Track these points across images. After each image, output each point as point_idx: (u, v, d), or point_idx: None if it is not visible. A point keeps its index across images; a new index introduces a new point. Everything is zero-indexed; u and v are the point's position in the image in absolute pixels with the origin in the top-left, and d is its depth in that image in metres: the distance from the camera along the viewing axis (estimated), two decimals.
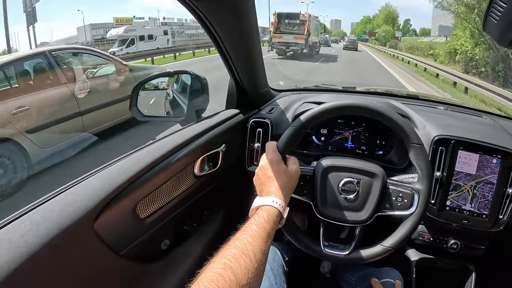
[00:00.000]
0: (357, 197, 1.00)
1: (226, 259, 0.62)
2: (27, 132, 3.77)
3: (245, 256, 0.64)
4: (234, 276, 0.59)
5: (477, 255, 1.33)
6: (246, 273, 0.61)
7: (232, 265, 0.60)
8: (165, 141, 1.05)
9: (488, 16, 0.63)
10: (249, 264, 0.63)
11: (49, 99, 4.18)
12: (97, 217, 0.78)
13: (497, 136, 1.29)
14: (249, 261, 0.63)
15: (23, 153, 3.73)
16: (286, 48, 19.44)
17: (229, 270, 0.59)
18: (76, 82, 4.59)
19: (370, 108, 0.99)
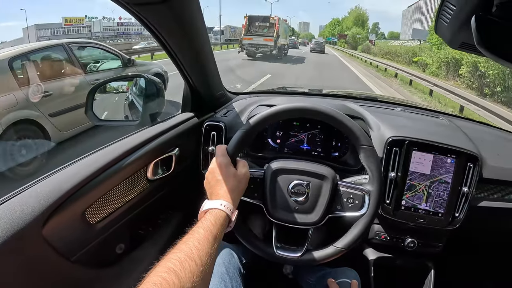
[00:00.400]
0: (307, 200, 1.01)
1: (170, 263, 0.62)
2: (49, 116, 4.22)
3: (190, 259, 0.64)
4: (178, 279, 0.59)
5: (435, 252, 1.36)
6: (191, 277, 0.62)
7: (176, 269, 0.61)
8: (116, 145, 1.04)
9: (439, 19, 0.64)
10: (194, 268, 0.63)
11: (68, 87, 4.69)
12: (45, 222, 0.77)
13: (452, 136, 1.33)
14: (194, 265, 0.64)
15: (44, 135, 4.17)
16: (256, 50, 20.18)
17: (173, 274, 0.60)
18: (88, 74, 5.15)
19: (319, 110, 1.01)
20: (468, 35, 0.54)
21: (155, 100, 1.35)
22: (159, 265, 0.62)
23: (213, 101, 1.47)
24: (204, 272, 0.65)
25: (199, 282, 0.63)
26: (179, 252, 0.66)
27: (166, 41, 1.03)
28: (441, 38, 0.69)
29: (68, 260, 0.85)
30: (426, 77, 13.55)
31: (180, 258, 0.64)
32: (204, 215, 0.81)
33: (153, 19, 0.92)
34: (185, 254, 0.65)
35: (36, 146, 4.06)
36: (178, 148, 1.24)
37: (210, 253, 0.70)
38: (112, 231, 0.99)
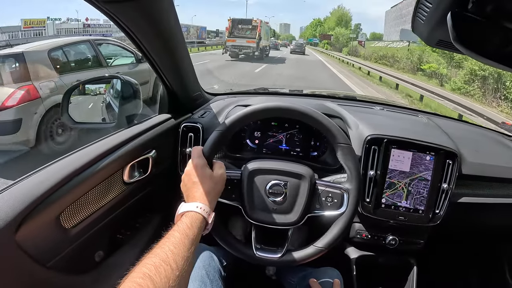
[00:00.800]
0: (285, 200, 1.01)
1: (145, 268, 0.61)
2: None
3: (166, 264, 0.63)
4: (153, 285, 0.58)
5: (416, 249, 1.38)
6: (167, 282, 0.61)
7: (151, 274, 0.60)
8: (91, 148, 1.01)
9: (416, 17, 0.64)
10: (169, 272, 0.62)
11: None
12: (18, 228, 0.75)
13: (431, 134, 1.35)
14: (169, 269, 0.63)
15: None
16: (239, 51, 21.14)
17: (148, 279, 0.59)
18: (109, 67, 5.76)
19: (294, 109, 1.01)
20: (445, 33, 0.54)
21: (131, 102, 1.34)
22: (134, 271, 0.61)
23: (190, 102, 1.45)
24: (180, 277, 0.64)
25: (176, 286, 0.62)
26: (154, 256, 0.65)
27: (140, 41, 1.01)
28: (418, 36, 0.70)
29: (44, 266, 0.82)
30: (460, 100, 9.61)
31: (155, 263, 0.63)
32: (180, 218, 0.80)
33: (125, 18, 0.90)
34: (160, 259, 0.64)
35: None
36: (155, 150, 1.22)
37: (187, 256, 0.69)
38: (89, 236, 0.97)
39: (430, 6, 0.59)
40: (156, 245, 0.69)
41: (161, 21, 0.97)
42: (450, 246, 1.80)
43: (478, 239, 1.73)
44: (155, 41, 1.04)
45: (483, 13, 0.51)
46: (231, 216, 1.43)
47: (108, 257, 1.09)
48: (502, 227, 1.56)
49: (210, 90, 1.69)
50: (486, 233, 1.65)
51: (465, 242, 1.77)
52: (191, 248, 0.72)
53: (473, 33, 0.53)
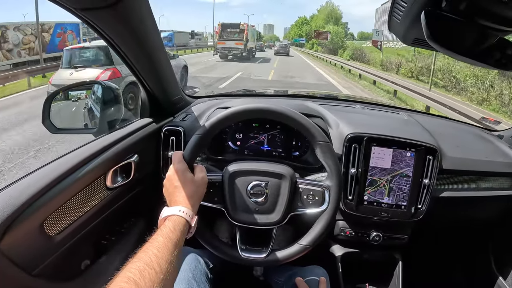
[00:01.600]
0: (266, 200, 1.02)
1: (130, 273, 0.61)
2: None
3: (150, 268, 0.64)
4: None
5: (401, 244, 1.40)
6: (151, 285, 0.61)
7: (135, 278, 0.60)
8: (73, 154, 1.01)
9: (392, 16, 0.65)
10: (154, 276, 0.63)
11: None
12: (2, 236, 0.74)
13: (411, 130, 1.37)
14: (154, 273, 0.63)
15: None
16: (228, 53, 23.34)
17: (133, 284, 0.59)
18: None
19: (272, 110, 1.02)
20: (420, 31, 0.56)
21: (113, 107, 1.34)
22: (118, 276, 0.62)
23: (172, 106, 1.45)
24: (165, 280, 0.65)
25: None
26: (138, 261, 0.65)
27: (118, 46, 1.01)
28: (395, 35, 0.71)
29: (29, 274, 0.82)
30: None
31: (139, 267, 0.63)
32: (163, 222, 0.81)
33: (103, 24, 0.90)
34: (144, 263, 0.65)
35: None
36: (137, 154, 1.22)
37: (171, 260, 0.69)
38: (73, 242, 0.96)
39: (405, 5, 0.59)
40: (140, 249, 0.70)
41: (139, 27, 0.97)
42: (434, 240, 1.83)
43: (461, 232, 1.76)
44: (134, 46, 1.04)
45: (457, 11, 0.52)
46: (216, 219, 1.43)
47: (93, 263, 1.09)
48: (485, 219, 1.59)
49: (191, 93, 1.69)
50: (469, 226, 1.68)
51: (449, 236, 1.80)
52: (175, 251, 0.72)
53: (447, 31, 0.54)
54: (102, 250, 1.14)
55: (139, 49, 1.06)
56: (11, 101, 9.44)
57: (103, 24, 0.90)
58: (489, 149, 1.49)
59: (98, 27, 0.90)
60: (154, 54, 1.13)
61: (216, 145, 1.39)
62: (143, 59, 1.13)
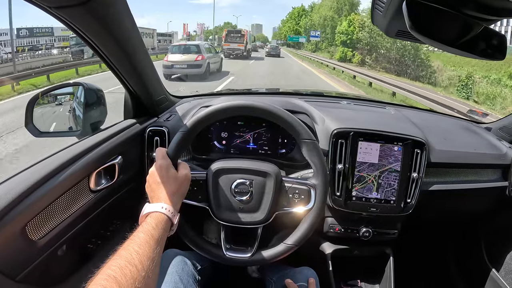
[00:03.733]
0: (251, 198, 1.01)
1: (110, 270, 0.61)
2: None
3: (131, 265, 0.63)
4: (119, 286, 0.58)
5: (391, 239, 1.40)
6: (133, 283, 0.60)
7: (116, 276, 0.59)
8: (55, 157, 0.98)
9: (374, 9, 0.65)
10: (135, 273, 0.62)
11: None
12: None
13: (398, 125, 1.37)
14: (135, 270, 0.62)
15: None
16: (232, 52, 29.02)
17: (113, 281, 0.58)
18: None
19: (257, 107, 1.01)
20: (403, 23, 0.55)
21: (96, 109, 1.31)
22: (99, 273, 0.61)
23: (155, 106, 1.43)
24: (146, 277, 0.64)
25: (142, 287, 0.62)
26: (119, 258, 0.65)
27: (97, 46, 0.99)
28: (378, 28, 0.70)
29: (13, 280, 0.80)
30: None
31: (120, 264, 0.62)
32: (145, 219, 0.80)
33: (79, 22, 0.88)
34: (125, 260, 0.64)
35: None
36: (121, 156, 1.20)
37: (152, 257, 0.68)
38: (58, 246, 0.94)
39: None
40: (121, 246, 0.69)
41: (116, 25, 0.95)
42: (424, 234, 1.84)
43: (452, 225, 1.77)
44: (112, 45, 1.02)
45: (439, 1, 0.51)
46: (204, 219, 1.42)
47: (80, 267, 1.07)
48: (475, 212, 1.60)
49: (175, 93, 1.68)
50: (460, 219, 1.69)
51: (440, 229, 1.82)
52: (157, 248, 0.71)
53: (430, 21, 0.53)
54: (88, 254, 1.13)
55: (118, 48, 1.04)
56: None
57: (79, 23, 0.88)
58: (478, 142, 1.50)
59: (75, 26, 0.88)
60: (134, 53, 1.11)
61: (202, 144, 1.37)
62: (123, 58, 1.10)
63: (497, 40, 0.57)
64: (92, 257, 1.12)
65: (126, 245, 0.69)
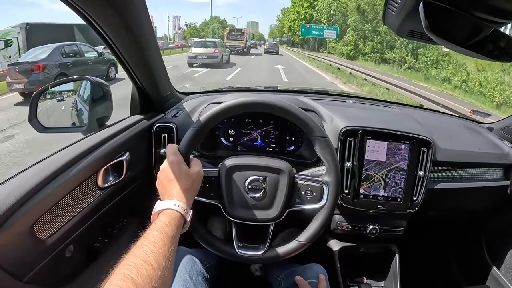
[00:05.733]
0: (264, 195, 1.00)
1: (126, 270, 0.59)
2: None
3: (147, 264, 0.62)
4: (136, 286, 0.57)
5: (397, 236, 1.41)
6: (150, 282, 0.59)
7: (132, 275, 0.58)
8: (62, 154, 0.97)
9: (387, 9, 0.65)
10: (151, 272, 0.61)
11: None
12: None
13: (404, 123, 1.37)
14: (151, 269, 0.61)
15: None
16: (233, 49, 31.11)
17: (130, 281, 0.57)
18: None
19: (271, 104, 1.00)
20: (416, 23, 0.56)
21: (102, 104, 1.29)
22: (114, 273, 0.59)
23: (162, 102, 1.42)
24: (163, 276, 0.62)
25: (159, 287, 0.60)
26: (134, 257, 0.63)
27: (110, 39, 0.98)
28: (390, 28, 0.71)
29: (21, 281, 0.78)
30: None
31: (136, 264, 0.61)
32: (157, 216, 0.78)
33: (98, 15, 0.87)
34: (140, 259, 0.62)
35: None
36: (128, 152, 1.19)
37: (168, 255, 0.67)
38: (65, 245, 0.93)
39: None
40: (134, 245, 0.67)
41: (133, 18, 0.95)
42: (429, 231, 1.86)
43: (456, 223, 1.78)
44: (126, 38, 1.01)
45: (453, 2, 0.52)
46: (211, 216, 1.42)
47: (87, 266, 1.06)
48: (478, 210, 1.61)
49: (182, 89, 1.67)
50: (463, 217, 1.71)
51: (444, 227, 1.83)
52: (171, 246, 0.70)
53: (444, 22, 0.54)
54: (96, 252, 1.12)
55: (131, 42, 1.03)
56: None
57: (95, 13, 0.87)
58: (481, 141, 1.52)
59: (92, 19, 0.87)
60: (146, 47, 1.10)
61: (209, 141, 1.37)
62: (135, 52, 1.10)
63: (504, 42, 0.58)
64: (99, 256, 1.11)
65: (140, 244, 0.67)
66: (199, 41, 21.62)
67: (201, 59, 18.35)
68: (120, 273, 0.59)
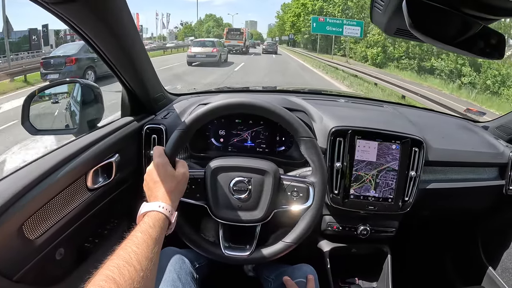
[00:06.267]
0: (249, 196, 1.00)
1: (108, 271, 0.60)
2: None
3: (129, 265, 0.62)
4: (117, 287, 0.57)
5: (389, 237, 1.40)
6: (131, 283, 0.60)
7: (114, 276, 0.59)
8: (51, 155, 0.97)
9: (374, 7, 0.65)
10: (133, 274, 0.61)
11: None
12: None
13: (396, 123, 1.37)
14: (133, 270, 0.62)
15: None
16: (232, 48, 31.60)
17: (111, 282, 0.58)
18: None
19: (255, 105, 1.00)
20: (402, 21, 0.55)
21: (93, 106, 1.30)
22: (97, 274, 0.60)
23: (153, 104, 1.42)
24: (145, 278, 0.63)
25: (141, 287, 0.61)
26: (117, 258, 0.64)
27: (94, 42, 0.98)
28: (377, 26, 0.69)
29: (10, 280, 0.79)
30: None
31: (118, 265, 0.62)
32: (142, 218, 0.79)
33: (76, 17, 0.87)
34: (123, 260, 0.63)
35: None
36: (118, 154, 1.19)
37: (150, 257, 0.68)
38: (55, 245, 0.94)
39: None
40: (119, 246, 0.68)
41: (114, 19, 0.94)
42: (422, 232, 1.85)
43: (450, 223, 1.78)
44: (110, 41, 1.01)
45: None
46: (202, 217, 1.42)
47: (77, 267, 1.06)
48: (473, 210, 1.61)
49: (173, 90, 1.67)
50: (457, 217, 1.70)
51: (437, 227, 1.83)
52: (155, 248, 0.71)
53: (429, 20, 0.53)
54: (85, 253, 1.12)
55: (115, 44, 1.03)
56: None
57: (76, 18, 0.87)
58: (475, 140, 1.51)
59: (71, 22, 0.87)
60: (131, 49, 1.10)
61: (199, 142, 1.37)
62: (120, 54, 1.10)
63: (495, 39, 0.57)
64: (89, 256, 1.12)
65: (124, 245, 0.68)
66: (198, 40, 22.84)
67: (200, 58, 18.93)
68: (103, 273, 0.60)
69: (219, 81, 12.68)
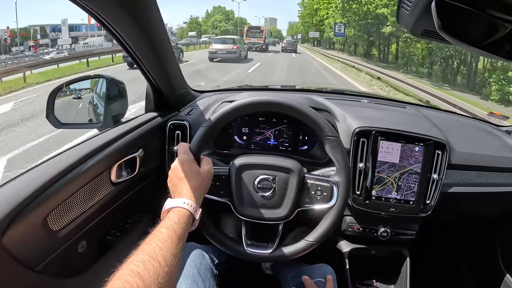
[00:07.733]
0: (274, 194, 1.00)
1: (133, 265, 0.60)
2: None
3: (154, 260, 0.63)
4: (142, 282, 0.58)
5: (409, 240, 1.38)
6: (156, 278, 0.60)
7: (140, 271, 0.59)
8: (77, 149, 0.99)
9: (401, 8, 0.64)
10: (158, 269, 0.62)
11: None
12: (5, 231, 0.73)
13: (419, 124, 1.35)
14: (158, 266, 0.62)
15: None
16: (252, 46, 32.19)
17: (137, 276, 0.58)
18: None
19: (281, 103, 1.00)
20: (429, 22, 0.54)
21: (117, 101, 1.31)
22: (121, 268, 0.61)
23: (177, 100, 1.44)
24: (169, 273, 0.63)
25: (165, 283, 0.61)
26: (142, 253, 0.64)
27: (123, 38, 0.99)
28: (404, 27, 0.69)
29: (33, 270, 0.81)
30: None
31: (143, 260, 0.62)
32: (167, 214, 0.80)
33: (107, 13, 0.88)
34: (148, 255, 0.64)
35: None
36: (142, 149, 1.20)
37: (175, 253, 0.68)
38: (77, 238, 0.95)
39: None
40: (143, 241, 0.69)
41: (144, 16, 0.96)
42: (442, 235, 1.81)
43: (469, 228, 1.74)
44: (138, 37, 1.03)
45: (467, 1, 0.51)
46: (222, 214, 1.42)
47: (98, 259, 1.08)
48: (493, 215, 1.57)
49: (196, 87, 1.68)
50: (478, 222, 1.66)
51: (457, 232, 1.79)
52: (179, 244, 0.71)
53: (457, 22, 0.53)
54: (107, 245, 1.14)
55: (144, 40, 1.05)
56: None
57: (107, 14, 0.88)
58: (498, 144, 1.47)
59: (102, 18, 0.88)
60: (159, 46, 1.11)
61: (222, 139, 1.37)
62: (148, 51, 1.11)
63: None
64: (111, 249, 1.13)
65: (149, 240, 0.69)
66: (219, 37, 24.07)
67: (221, 54, 19.72)
68: (128, 268, 0.60)
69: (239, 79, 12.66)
